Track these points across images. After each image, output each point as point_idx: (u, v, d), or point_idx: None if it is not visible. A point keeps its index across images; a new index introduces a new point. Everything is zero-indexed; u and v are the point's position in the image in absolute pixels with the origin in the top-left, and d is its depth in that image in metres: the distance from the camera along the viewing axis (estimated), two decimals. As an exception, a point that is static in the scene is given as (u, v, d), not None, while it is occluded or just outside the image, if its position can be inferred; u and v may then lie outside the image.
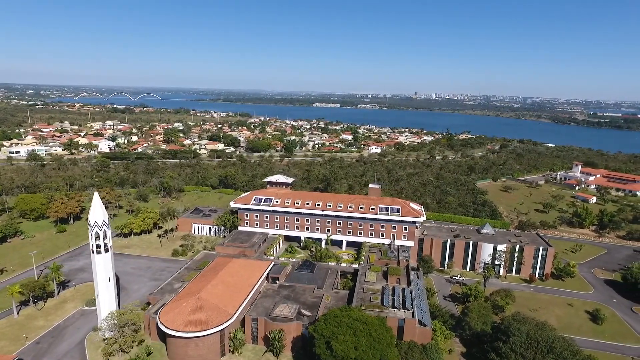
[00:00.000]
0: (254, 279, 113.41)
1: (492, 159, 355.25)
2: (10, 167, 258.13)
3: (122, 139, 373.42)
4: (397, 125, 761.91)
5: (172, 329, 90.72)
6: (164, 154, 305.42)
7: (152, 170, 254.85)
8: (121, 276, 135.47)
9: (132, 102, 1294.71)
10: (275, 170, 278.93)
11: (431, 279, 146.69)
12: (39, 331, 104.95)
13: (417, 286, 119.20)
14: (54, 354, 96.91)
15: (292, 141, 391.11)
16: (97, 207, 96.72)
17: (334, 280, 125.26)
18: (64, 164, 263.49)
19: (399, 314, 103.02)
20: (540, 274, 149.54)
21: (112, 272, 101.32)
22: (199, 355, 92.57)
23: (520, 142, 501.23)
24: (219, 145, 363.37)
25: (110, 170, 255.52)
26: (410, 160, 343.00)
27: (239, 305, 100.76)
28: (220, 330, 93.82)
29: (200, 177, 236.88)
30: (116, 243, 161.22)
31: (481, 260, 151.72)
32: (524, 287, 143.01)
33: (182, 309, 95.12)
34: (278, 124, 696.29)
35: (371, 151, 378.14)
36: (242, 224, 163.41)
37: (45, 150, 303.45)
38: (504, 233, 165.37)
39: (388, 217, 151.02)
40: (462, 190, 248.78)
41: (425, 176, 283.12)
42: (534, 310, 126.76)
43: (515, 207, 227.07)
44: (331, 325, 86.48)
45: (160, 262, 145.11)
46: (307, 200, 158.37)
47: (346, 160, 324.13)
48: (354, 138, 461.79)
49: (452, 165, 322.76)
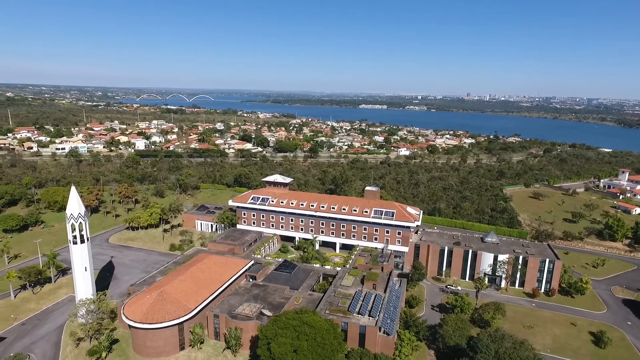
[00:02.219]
0: (227, 276, 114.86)
1: (529, 164, 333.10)
2: (52, 162, 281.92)
3: (160, 137, 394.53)
4: (443, 127, 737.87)
5: (131, 319, 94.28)
6: (192, 153, 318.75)
7: (175, 167, 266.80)
8: (117, 267, 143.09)
9: (186, 103, 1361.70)
10: (295, 170, 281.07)
11: (424, 287, 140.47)
12: (28, 313, 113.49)
13: (394, 293, 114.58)
14: (34, 335, 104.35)
15: (319, 142, 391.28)
16: (74, 201, 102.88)
17: (312, 282, 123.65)
18: (98, 160, 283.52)
19: (363, 320, 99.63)
20: (547, 288, 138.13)
21: (89, 261, 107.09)
22: (157, 347, 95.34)
23: (572, 147, 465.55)
24: (247, 145, 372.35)
25: (139, 167, 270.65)
26: (439, 163, 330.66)
27: (203, 300, 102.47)
28: (179, 324, 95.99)
29: (217, 176, 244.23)
30: (123, 235, 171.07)
31: (481, 271, 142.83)
32: (525, 302, 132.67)
33: (145, 301, 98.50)
34: (319, 124, 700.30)
35: (400, 153, 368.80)
36: (240, 222, 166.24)
37: (88, 148, 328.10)
38: (510, 242, 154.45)
39: (380, 220, 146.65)
40: (485, 196, 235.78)
41: (450, 180, 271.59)
42: (528, 327, 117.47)
43: (541, 215, 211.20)
44: (277, 327, 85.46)
45: (157, 256, 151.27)
46: (302, 201, 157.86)
47: (370, 162, 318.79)
48: (385, 140, 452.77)
49: (483, 169, 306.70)
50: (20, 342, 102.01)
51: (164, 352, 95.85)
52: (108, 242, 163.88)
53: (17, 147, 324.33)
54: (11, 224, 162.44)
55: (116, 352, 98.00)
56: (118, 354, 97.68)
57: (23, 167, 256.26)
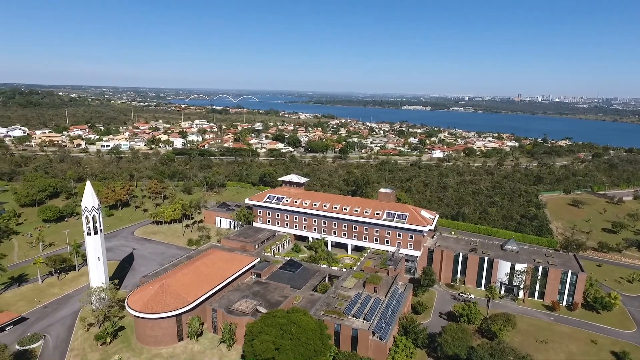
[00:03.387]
0: (230, 272, 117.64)
1: (573, 169, 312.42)
2: (96, 159, 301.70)
3: (197, 136, 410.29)
4: (487, 129, 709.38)
5: (132, 308, 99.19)
6: (224, 152, 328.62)
7: (206, 166, 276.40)
8: (137, 259, 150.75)
9: (231, 103, 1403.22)
10: (322, 171, 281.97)
11: (435, 293, 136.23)
12: (50, 297, 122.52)
13: (396, 298, 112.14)
14: (53, 318, 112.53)
15: (351, 143, 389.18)
16: (89, 194, 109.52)
17: (316, 282, 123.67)
18: (137, 157, 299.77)
19: (356, 323, 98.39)
20: (569, 302, 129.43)
21: (102, 252, 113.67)
22: (156, 336, 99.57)
23: (628, 152, 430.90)
24: (278, 145, 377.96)
25: (172, 165, 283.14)
26: (473, 166, 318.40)
27: (202, 294, 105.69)
28: (177, 315, 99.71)
29: (244, 174, 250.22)
30: (148, 229, 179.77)
31: (497, 280, 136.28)
32: (543, 315, 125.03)
33: (148, 292, 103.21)
34: (357, 125, 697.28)
35: (433, 155, 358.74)
36: (256, 220, 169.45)
37: (130, 145, 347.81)
38: (532, 251, 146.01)
39: (392, 223, 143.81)
40: (517, 201, 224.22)
41: (482, 184, 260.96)
42: (542, 342, 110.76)
43: (576, 224, 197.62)
44: (264, 324, 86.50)
45: (175, 250, 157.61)
46: (316, 201, 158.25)
47: (400, 164, 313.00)
48: (420, 141, 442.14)
49: (520, 173, 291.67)
50: (40, 323, 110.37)
51: (163, 342, 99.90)
52: (133, 234, 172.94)
53: (68, 144, 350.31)
54: (49, 215, 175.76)
55: (121, 339, 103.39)
56: (122, 340, 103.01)
57: (70, 162, 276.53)
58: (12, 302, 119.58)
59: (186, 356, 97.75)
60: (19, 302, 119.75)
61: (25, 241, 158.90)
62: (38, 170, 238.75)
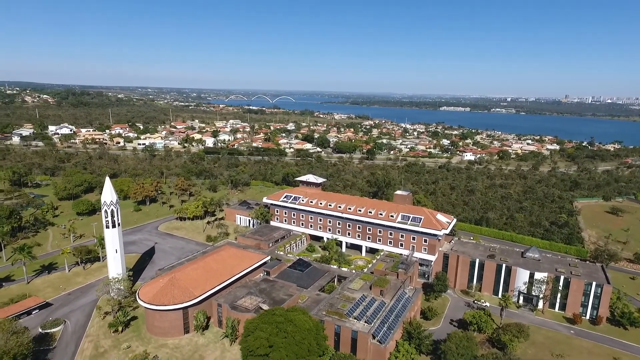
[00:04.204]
0: (239, 268, 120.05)
1: (617, 175, 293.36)
2: (131, 156, 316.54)
3: (229, 136, 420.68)
4: (529, 132, 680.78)
5: (142, 300, 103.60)
6: (252, 151, 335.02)
7: (233, 164, 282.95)
8: (157, 252, 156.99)
9: (268, 104, 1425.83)
10: (346, 171, 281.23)
11: (448, 299, 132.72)
12: (75, 285, 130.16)
13: (402, 302, 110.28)
14: (74, 305, 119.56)
15: (380, 144, 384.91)
16: (108, 190, 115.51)
17: (324, 282, 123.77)
18: (169, 155, 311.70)
19: (357, 325, 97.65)
20: (593, 315, 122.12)
21: (119, 244, 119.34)
22: (163, 327, 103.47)
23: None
24: (306, 145, 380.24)
25: (202, 163, 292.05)
26: (506, 170, 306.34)
27: (209, 289, 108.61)
28: (183, 308, 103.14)
29: (268, 174, 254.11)
30: (171, 225, 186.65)
31: (515, 288, 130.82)
32: (563, 328, 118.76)
33: (157, 284, 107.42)
34: (391, 126, 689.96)
35: (464, 158, 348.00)
36: (273, 219, 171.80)
37: (164, 144, 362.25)
38: (555, 260, 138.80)
39: (406, 226, 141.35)
40: (548, 207, 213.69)
41: (513, 188, 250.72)
42: (557, 356, 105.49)
43: (613, 233, 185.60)
44: (261, 321, 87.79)
45: (194, 245, 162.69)
46: (331, 202, 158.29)
47: (428, 166, 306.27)
48: (452, 143, 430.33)
49: (556, 178, 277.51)
50: (62, 309, 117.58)
51: (170, 333, 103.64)
52: (157, 229, 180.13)
53: (108, 142, 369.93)
54: (82, 208, 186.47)
55: (132, 328, 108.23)
56: (133, 329, 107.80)
57: (107, 159, 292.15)
58: (41, 288, 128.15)
59: (190, 348, 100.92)
60: (47, 288, 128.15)
61: (59, 232, 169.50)
62: (77, 166, 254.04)
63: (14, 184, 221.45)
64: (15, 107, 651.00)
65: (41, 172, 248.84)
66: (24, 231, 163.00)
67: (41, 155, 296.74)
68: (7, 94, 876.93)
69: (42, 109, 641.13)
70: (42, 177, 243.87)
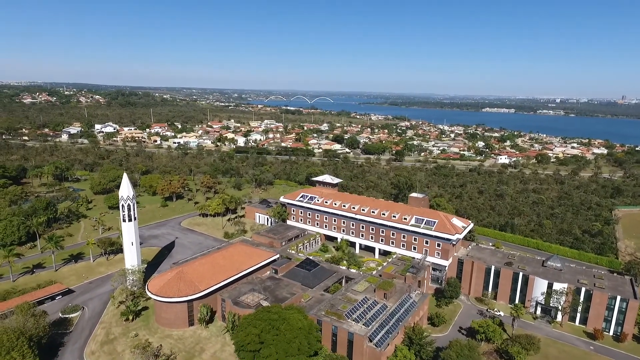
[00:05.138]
0: (246, 265, 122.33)
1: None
2: (166, 154, 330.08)
3: (260, 136, 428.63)
4: (578, 135, 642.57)
5: (150, 291, 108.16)
6: (280, 151, 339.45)
7: (260, 164, 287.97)
8: (176, 247, 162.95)
9: (306, 104, 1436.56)
10: (372, 173, 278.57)
11: (460, 306, 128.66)
12: (97, 275, 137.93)
13: (405, 307, 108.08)
14: (94, 293, 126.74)
15: (410, 145, 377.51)
16: (125, 185, 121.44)
17: (330, 282, 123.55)
18: (201, 153, 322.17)
19: (354, 327, 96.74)
20: (617, 331, 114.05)
21: (135, 237, 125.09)
22: (169, 318, 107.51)
23: None
24: (335, 145, 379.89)
25: (231, 162, 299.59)
26: (542, 174, 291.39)
27: (215, 284, 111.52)
28: (188, 301, 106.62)
29: (292, 173, 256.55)
30: (194, 221, 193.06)
31: (533, 298, 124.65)
32: (582, 343, 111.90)
33: (166, 277, 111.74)
34: (428, 128, 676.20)
35: (498, 161, 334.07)
36: (289, 218, 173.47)
37: (198, 143, 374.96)
38: (578, 271, 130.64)
39: (419, 229, 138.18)
40: (583, 215, 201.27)
41: (547, 194, 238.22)
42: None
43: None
44: (255, 317, 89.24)
45: (212, 241, 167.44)
46: (345, 202, 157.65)
47: (458, 169, 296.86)
48: (487, 146, 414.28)
49: (597, 184, 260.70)
50: (83, 296, 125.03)
51: (175, 325, 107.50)
52: (180, 225, 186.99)
53: (146, 140, 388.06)
54: (113, 202, 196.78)
55: (142, 318, 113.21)
56: (143, 319, 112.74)
57: (143, 156, 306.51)
58: (67, 275, 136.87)
59: (193, 340, 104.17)
60: (71, 276, 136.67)
61: (90, 224, 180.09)
62: (114, 163, 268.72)
63: (56, 178, 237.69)
64: (70, 107, 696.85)
65: (81, 168, 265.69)
66: (58, 222, 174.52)
67: (84, 152, 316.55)
68: (65, 94, 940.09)
69: (92, 109, 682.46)
70: (81, 172, 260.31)
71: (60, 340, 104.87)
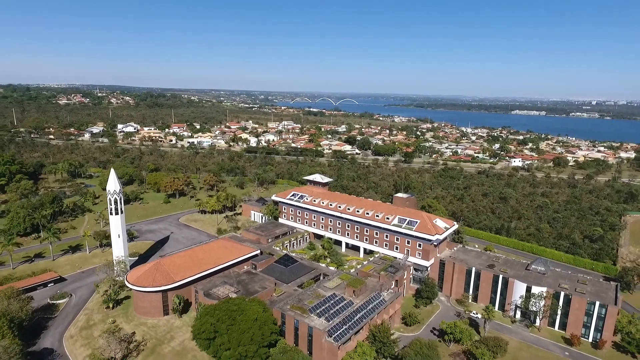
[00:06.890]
0: (225, 259, 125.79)
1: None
2: (178, 153, 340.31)
3: (274, 136, 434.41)
4: (610, 138, 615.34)
5: (128, 281, 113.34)
6: (289, 151, 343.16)
7: (267, 163, 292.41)
8: (170, 241, 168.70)
9: (331, 106, 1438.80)
10: (376, 174, 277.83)
11: (438, 306, 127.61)
12: (90, 265, 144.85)
13: (372, 304, 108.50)
14: (84, 282, 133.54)
15: (421, 147, 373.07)
16: (112, 180, 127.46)
17: (305, 279, 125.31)
18: (211, 153, 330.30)
19: (315, 322, 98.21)
20: (595, 338, 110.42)
21: (122, 230, 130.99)
22: (145, 307, 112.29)
23: None
24: (345, 146, 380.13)
25: (239, 161, 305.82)
26: (555, 178, 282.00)
27: (190, 276, 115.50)
28: (162, 291, 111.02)
29: (295, 173, 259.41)
30: (192, 217, 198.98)
31: (512, 301, 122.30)
32: (558, 349, 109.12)
33: (144, 268, 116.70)
34: (449, 130, 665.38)
35: (512, 164, 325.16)
36: (281, 216, 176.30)
37: (212, 142, 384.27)
38: (562, 275, 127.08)
39: (400, 229, 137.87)
40: (589, 220, 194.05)
41: (555, 198, 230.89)
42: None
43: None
44: (214, 307, 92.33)
45: (204, 237, 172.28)
46: (333, 201, 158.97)
47: (466, 171, 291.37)
48: (501, 148, 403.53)
49: (612, 189, 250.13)
50: (73, 284, 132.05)
51: (150, 313, 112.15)
52: (178, 221, 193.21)
53: (163, 140, 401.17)
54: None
55: (123, 306, 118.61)
56: (123, 307, 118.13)
57: (156, 155, 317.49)
58: (62, 265, 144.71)
59: (165, 329, 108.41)
60: (66, 265, 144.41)
61: (93, 218, 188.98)
62: (125, 161, 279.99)
63: (70, 175, 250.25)
64: (99, 108, 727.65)
65: (95, 165, 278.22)
66: (63, 215, 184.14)
67: (102, 150, 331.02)
68: (97, 96, 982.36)
69: (120, 110, 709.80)
70: (94, 169, 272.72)
71: (44, 324, 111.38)
